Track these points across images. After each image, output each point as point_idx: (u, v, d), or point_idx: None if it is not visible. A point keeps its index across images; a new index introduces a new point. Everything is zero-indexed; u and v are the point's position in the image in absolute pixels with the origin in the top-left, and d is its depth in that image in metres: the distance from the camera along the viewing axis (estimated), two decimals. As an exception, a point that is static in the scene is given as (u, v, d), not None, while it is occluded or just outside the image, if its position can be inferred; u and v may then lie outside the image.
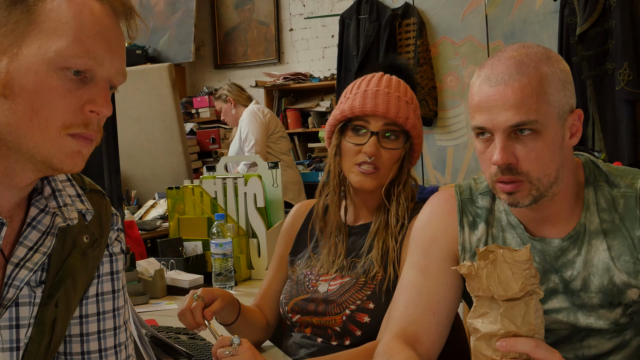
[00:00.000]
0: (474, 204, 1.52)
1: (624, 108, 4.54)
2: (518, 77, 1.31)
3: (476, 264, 1.13)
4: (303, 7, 6.79)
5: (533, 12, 5.01)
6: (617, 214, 1.40)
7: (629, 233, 1.38)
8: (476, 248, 1.40)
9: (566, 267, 1.41)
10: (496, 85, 1.33)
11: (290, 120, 6.63)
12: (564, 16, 4.77)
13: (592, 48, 4.62)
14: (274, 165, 2.88)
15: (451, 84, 5.25)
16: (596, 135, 4.64)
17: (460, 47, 5.25)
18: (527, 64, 1.33)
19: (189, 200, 2.89)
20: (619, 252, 1.38)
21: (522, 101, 1.30)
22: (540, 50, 1.36)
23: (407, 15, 5.34)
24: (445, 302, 1.49)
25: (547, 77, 1.32)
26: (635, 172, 1.43)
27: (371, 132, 1.75)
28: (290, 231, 1.96)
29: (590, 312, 1.41)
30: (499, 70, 1.34)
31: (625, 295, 1.39)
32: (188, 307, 1.64)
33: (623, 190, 1.41)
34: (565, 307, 1.42)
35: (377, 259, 1.73)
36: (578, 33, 4.63)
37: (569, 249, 1.42)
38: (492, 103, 1.33)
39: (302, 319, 1.79)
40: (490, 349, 1.14)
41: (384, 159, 1.75)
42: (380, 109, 1.73)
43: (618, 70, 4.51)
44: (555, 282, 1.42)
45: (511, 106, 1.31)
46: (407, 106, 1.76)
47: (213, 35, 7.20)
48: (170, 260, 2.66)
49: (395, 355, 1.39)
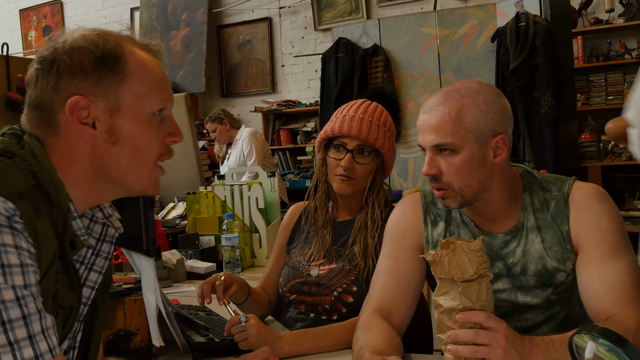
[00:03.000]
0: (435, 205, 1.53)
1: (547, 127, 4.59)
2: (440, 108, 1.34)
3: (439, 253, 1.13)
4: (292, 48, 6.79)
5: (475, 51, 5.04)
6: (549, 213, 1.41)
7: (559, 228, 1.39)
8: (439, 239, 1.40)
9: (508, 255, 1.42)
10: (425, 113, 1.36)
11: (283, 138, 6.63)
12: (500, 55, 4.81)
13: (522, 80, 4.66)
14: (271, 174, 2.88)
15: (411, 108, 5.27)
16: (526, 149, 4.69)
17: (418, 79, 5.27)
18: (452, 97, 1.34)
19: (204, 203, 2.87)
20: (550, 243, 1.39)
21: (440, 127, 1.33)
22: (473, 85, 1.36)
23: (376, 54, 5.35)
24: (413, 283, 1.49)
25: (466, 108, 1.32)
26: (563, 179, 1.44)
27: (347, 149, 1.75)
28: (287, 227, 1.95)
29: (527, 292, 1.41)
30: (430, 102, 1.37)
31: (555, 278, 1.39)
32: (209, 281, 1.66)
33: (554, 194, 1.42)
34: (508, 288, 1.43)
35: (359, 252, 1.73)
36: (511, 68, 4.67)
37: (510, 242, 1.42)
38: (422, 127, 1.36)
39: (297, 298, 1.78)
40: (451, 320, 1.14)
41: (357, 172, 1.75)
42: (354, 131, 1.73)
43: (543, 97, 4.56)
44: (500, 268, 1.42)
45: (433, 130, 1.34)
46: (378, 129, 1.75)
47: (220, 70, 7.18)
48: (189, 251, 2.65)
49: (373, 326, 1.39)
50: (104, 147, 0.99)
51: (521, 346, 1.15)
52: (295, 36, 6.77)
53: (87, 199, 1.03)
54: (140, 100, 1.00)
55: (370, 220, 1.75)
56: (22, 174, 0.90)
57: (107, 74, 0.98)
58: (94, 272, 1.08)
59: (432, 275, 1.19)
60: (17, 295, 0.83)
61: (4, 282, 0.83)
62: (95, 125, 0.98)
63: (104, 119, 0.98)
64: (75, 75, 0.97)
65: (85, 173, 1.00)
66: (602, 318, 1.29)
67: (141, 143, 1.01)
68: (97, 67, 0.97)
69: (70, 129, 0.97)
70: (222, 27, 7.14)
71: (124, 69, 0.99)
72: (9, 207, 0.85)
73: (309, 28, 6.67)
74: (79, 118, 0.97)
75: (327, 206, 1.85)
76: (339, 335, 1.54)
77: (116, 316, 1.51)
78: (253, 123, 6.76)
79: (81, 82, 0.97)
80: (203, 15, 6.95)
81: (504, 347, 1.12)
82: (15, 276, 0.84)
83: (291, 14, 6.78)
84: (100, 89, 0.97)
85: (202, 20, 6.95)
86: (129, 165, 1.01)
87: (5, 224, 0.84)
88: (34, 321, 0.84)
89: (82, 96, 0.96)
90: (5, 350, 0.81)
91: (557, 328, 1.42)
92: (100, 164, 1.00)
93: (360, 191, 1.78)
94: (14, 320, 0.83)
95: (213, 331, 1.60)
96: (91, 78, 0.97)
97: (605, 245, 1.34)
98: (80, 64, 0.97)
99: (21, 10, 8.42)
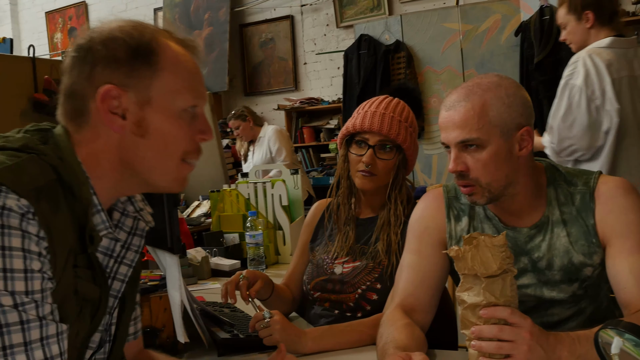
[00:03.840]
0: (458, 200, 1.52)
1: (573, 121, 4.52)
2: (463, 103, 1.33)
3: (462, 248, 1.12)
4: (314, 45, 6.79)
5: (499, 46, 4.99)
6: (574, 207, 1.39)
7: (585, 222, 1.38)
8: (462, 235, 1.39)
9: (534, 250, 1.41)
10: (448, 110, 1.35)
11: (306, 136, 6.63)
12: (524, 49, 4.76)
13: (546, 74, 4.60)
14: (295, 171, 2.88)
15: (434, 104, 5.23)
16: (551, 144, 4.62)
17: (441, 74, 5.23)
18: (474, 92, 1.33)
19: (227, 201, 2.89)
20: (576, 237, 1.38)
21: (465, 123, 1.32)
22: (494, 80, 1.36)
23: (398, 50, 5.33)
24: (436, 278, 1.49)
25: (489, 102, 1.31)
26: (588, 173, 1.43)
27: (369, 145, 1.75)
28: (310, 224, 1.95)
29: (553, 287, 1.40)
30: (452, 98, 1.36)
31: (581, 272, 1.38)
32: (232, 281, 1.66)
33: (579, 188, 1.40)
34: (533, 283, 1.41)
35: (383, 249, 1.72)
36: (535, 62, 4.61)
37: (536, 236, 1.41)
38: (446, 124, 1.35)
39: (321, 296, 1.78)
40: (475, 316, 1.13)
41: (379, 167, 1.75)
42: (375, 126, 1.73)
43: (568, 92, 4.49)
44: (525, 263, 1.41)
45: (457, 126, 1.32)
46: (400, 124, 1.74)
47: (243, 69, 7.21)
48: (214, 249, 2.66)
49: (396, 322, 1.38)
50: (131, 139, 0.99)
51: (546, 342, 1.14)
52: (317, 34, 6.77)
53: (112, 190, 1.03)
54: (171, 95, 1.00)
55: (394, 217, 1.74)
56: (38, 169, 0.90)
57: (140, 66, 0.98)
58: (124, 265, 1.08)
59: (456, 271, 1.18)
60: (15, 302, 0.83)
61: (3, 288, 0.82)
62: (125, 116, 0.98)
63: (134, 110, 0.98)
64: (109, 64, 0.97)
65: (111, 165, 1.00)
66: (632, 310, 1.28)
67: (169, 137, 1.00)
68: (131, 59, 0.97)
69: (100, 119, 0.98)
70: (244, 25, 7.17)
71: (157, 62, 0.99)
72: (23, 204, 0.85)
73: (331, 25, 6.66)
74: (110, 107, 0.97)
75: (349, 203, 1.84)
76: (363, 331, 1.54)
77: (142, 313, 1.53)
78: (276, 121, 6.77)
79: (114, 72, 0.97)
80: (225, 15, 6.98)
81: (529, 343, 1.11)
82: (17, 282, 0.83)
83: (313, 11, 6.78)
84: (132, 80, 0.98)
85: (224, 20, 6.99)
86: (155, 158, 1.00)
87: (16, 225, 0.84)
88: (33, 328, 0.83)
89: (114, 85, 0.97)
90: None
91: (583, 324, 1.41)
92: (126, 156, 1.00)
93: (383, 187, 1.77)
94: (11, 324, 0.82)
95: (237, 327, 1.61)
96: (124, 69, 0.97)
97: (634, 237, 1.32)
98: (115, 54, 0.97)
99: (47, 13, 8.53)
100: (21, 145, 0.93)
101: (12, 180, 0.85)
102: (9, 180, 0.85)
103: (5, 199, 0.84)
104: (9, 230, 0.83)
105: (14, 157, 0.90)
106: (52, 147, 0.96)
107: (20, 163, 0.89)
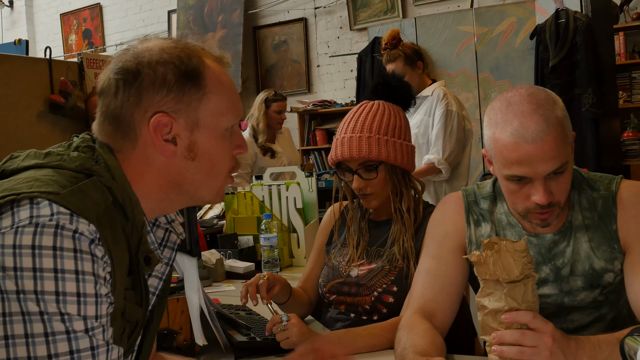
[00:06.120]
0: (477, 205, 1.51)
1: (589, 125, 4.49)
2: (549, 132, 1.24)
3: (484, 253, 1.12)
4: (327, 48, 6.79)
5: (514, 49, 4.96)
6: (596, 212, 1.38)
7: (607, 227, 1.36)
8: (482, 240, 1.38)
9: (558, 256, 1.40)
10: (533, 142, 1.24)
11: (319, 138, 6.63)
12: (539, 52, 4.72)
13: (562, 77, 4.57)
14: (309, 174, 2.88)
15: (448, 107, 5.20)
16: (567, 148, 4.60)
17: (455, 77, 5.21)
18: (548, 117, 1.25)
19: (242, 203, 2.89)
20: (598, 243, 1.36)
21: (557, 152, 1.25)
22: (542, 95, 1.28)
23: (412, 53, 5.31)
24: (455, 284, 1.48)
25: (562, 122, 1.27)
26: (610, 177, 1.41)
27: (353, 171, 1.75)
28: (326, 227, 1.95)
29: (575, 295, 1.39)
30: (531, 128, 1.24)
31: (602, 279, 1.37)
32: (253, 282, 1.66)
33: (602, 192, 1.39)
34: (554, 293, 1.40)
35: (399, 252, 1.72)
36: (550, 65, 4.58)
37: (559, 241, 1.40)
38: (533, 158, 1.25)
39: (337, 299, 1.78)
40: (496, 322, 1.13)
41: (371, 187, 1.75)
42: (353, 153, 1.72)
43: (584, 95, 4.46)
44: (547, 273, 1.40)
45: (550, 158, 1.25)
46: (376, 141, 1.71)
47: (256, 71, 7.22)
48: (228, 251, 2.67)
49: (416, 327, 1.38)
50: (181, 163, 0.99)
51: (567, 347, 1.13)
52: (330, 36, 6.77)
53: (156, 209, 1.03)
54: (217, 116, 1.00)
55: (405, 225, 1.74)
56: (99, 193, 0.91)
57: (189, 90, 0.97)
58: (155, 277, 1.08)
59: (474, 276, 1.17)
60: (86, 327, 0.84)
61: (76, 313, 0.83)
62: (175, 141, 0.98)
63: (185, 135, 0.98)
64: (159, 90, 0.96)
65: (158, 185, 1.00)
66: None
67: (216, 157, 1.01)
68: (181, 83, 0.97)
69: (151, 144, 0.97)
70: (257, 28, 7.18)
71: (204, 86, 0.99)
72: (92, 229, 0.86)
73: (345, 28, 6.65)
74: (162, 135, 0.97)
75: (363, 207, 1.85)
76: (380, 335, 1.53)
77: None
78: (289, 123, 6.77)
79: (164, 98, 0.96)
80: (239, 17, 7.00)
81: (551, 349, 1.10)
82: (89, 306, 0.84)
83: (326, 14, 6.78)
84: (182, 106, 0.97)
85: (238, 22, 7.00)
86: (204, 179, 1.01)
87: (86, 250, 0.85)
88: (101, 353, 0.85)
89: (165, 113, 0.96)
90: None
91: (604, 330, 1.39)
92: (176, 179, 1.00)
93: (386, 199, 1.78)
94: (82, 350, 0.83)
95: (254, 330, 1.60)
96: (174, 94, 0.96)
97: None
98: (164, 78, 0.96)
99: (62, 15, 8.59)
100: (78, 165, 0.93)
101: (78, 205, 0.86)
102: (74, 205, 0.85)
103: (78, 224, 0.84)
104: (81, 254, 0.84)
105: (74, 178, 0.90)
106: (104, 167, 0.95)
107: (83, 187, 0.89)
